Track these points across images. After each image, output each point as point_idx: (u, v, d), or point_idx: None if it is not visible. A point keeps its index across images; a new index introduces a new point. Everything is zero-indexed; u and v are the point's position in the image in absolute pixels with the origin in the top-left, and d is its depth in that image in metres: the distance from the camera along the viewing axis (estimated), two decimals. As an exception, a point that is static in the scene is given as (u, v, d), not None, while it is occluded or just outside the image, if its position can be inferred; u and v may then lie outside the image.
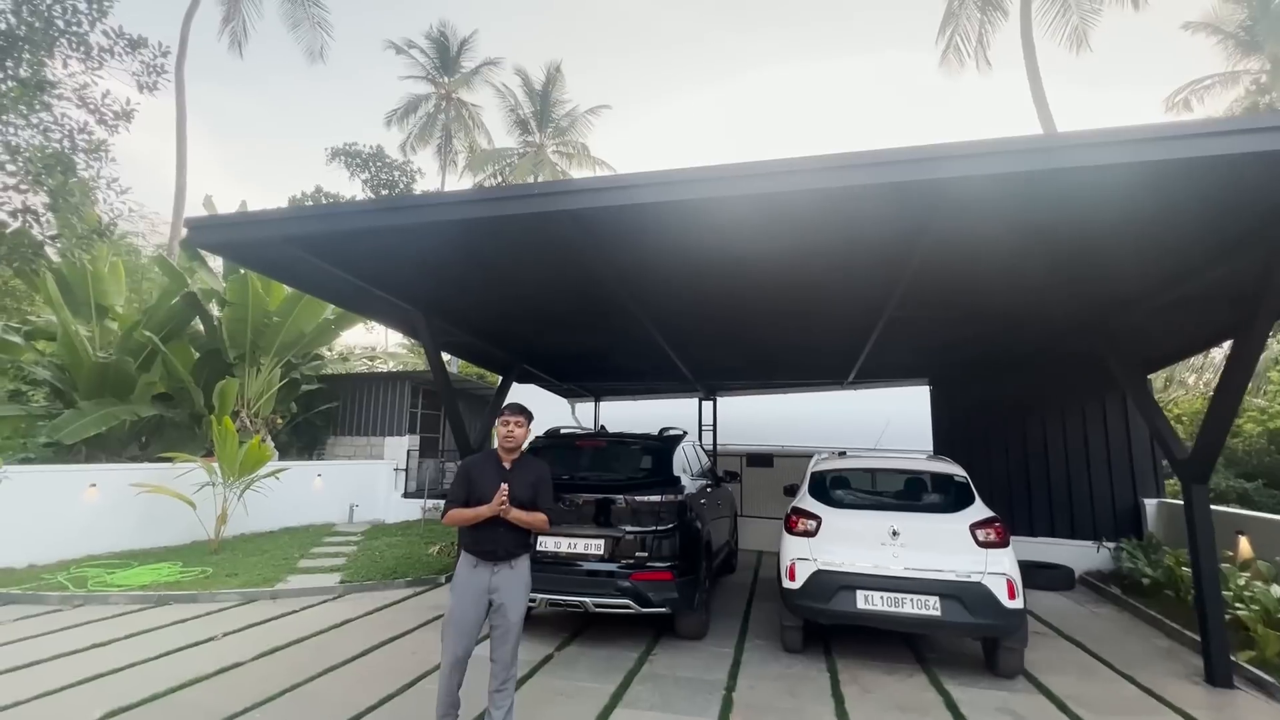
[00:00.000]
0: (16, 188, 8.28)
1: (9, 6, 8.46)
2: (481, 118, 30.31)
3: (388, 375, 15.80)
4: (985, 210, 3.79)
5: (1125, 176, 3.23)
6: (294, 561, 8.23)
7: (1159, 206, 3.66)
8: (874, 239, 4.30)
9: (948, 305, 5.85)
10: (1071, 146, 3.05)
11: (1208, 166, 3.11)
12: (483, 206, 4.13)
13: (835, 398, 11.42)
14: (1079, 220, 3.89)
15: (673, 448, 6.00)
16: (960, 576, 4.55)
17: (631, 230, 4.34)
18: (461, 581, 3.45)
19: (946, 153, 3.25)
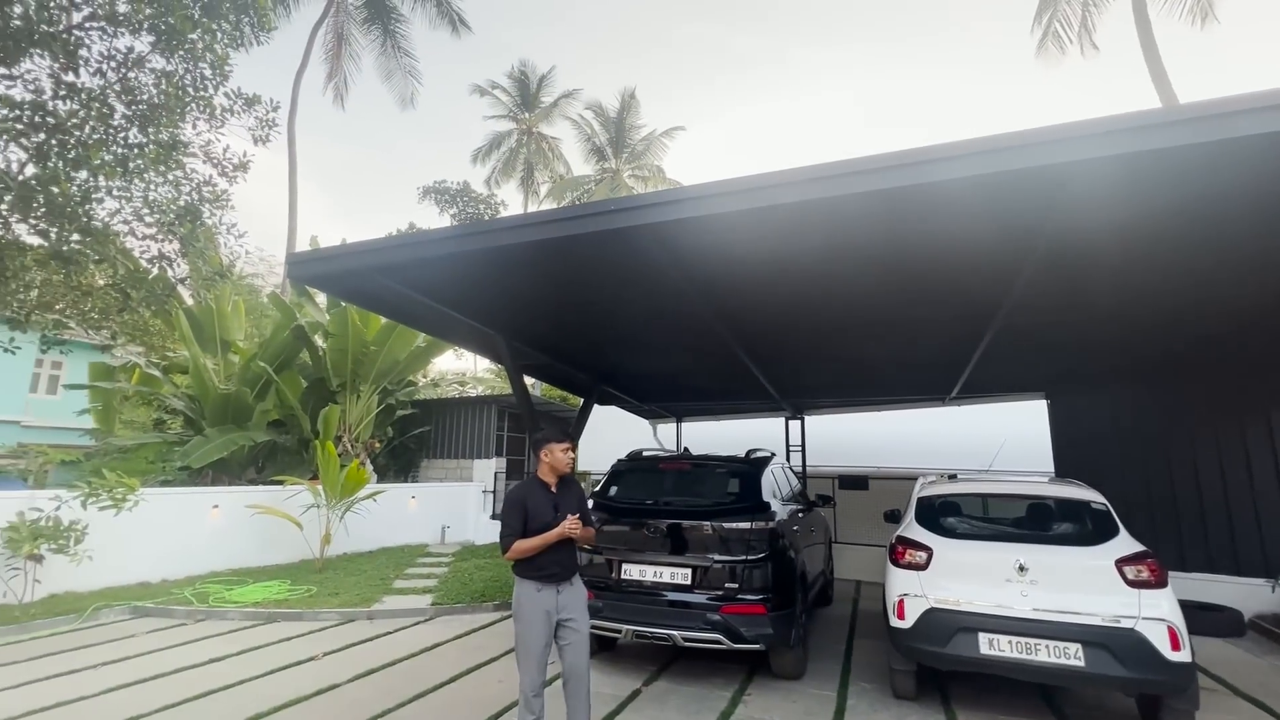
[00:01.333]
0: (154, 237, 9.24)
1: (152, 80, 9.53)
2: (560, 149, 31.42)
3: (475, 399, 16.34)
4: (1125, 197, 3.29)
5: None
6: (389, 582, 8.49)
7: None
8: (981, 239, 3.85)
9: (1069, 309, 5.20)
10: (1244, 112, 2.55)
11: None
12: (556, 227, 4.06)
13: (936, 415, 10.56)
14: (1243, 204, 3.29)
15: (761, 470, 5.65)
16: (1107, 621, 3.91)
17: (712, 243, 4.13)
18: (529, 608, 3.41)
19: (1070, 133, 2.83)
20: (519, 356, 7.08)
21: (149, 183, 9.43)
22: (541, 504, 3.51)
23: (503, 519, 3.49)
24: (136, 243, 9.39)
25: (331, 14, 23.53)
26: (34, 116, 8.19)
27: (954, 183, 3.05)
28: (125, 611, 7.05)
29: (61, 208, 8.27)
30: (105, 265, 9.10)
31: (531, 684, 3.36)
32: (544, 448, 3.66)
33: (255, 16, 9.76)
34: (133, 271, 9.37)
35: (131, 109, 9.15)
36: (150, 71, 9.36)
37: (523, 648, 3.40)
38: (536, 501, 3.51)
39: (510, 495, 3.57)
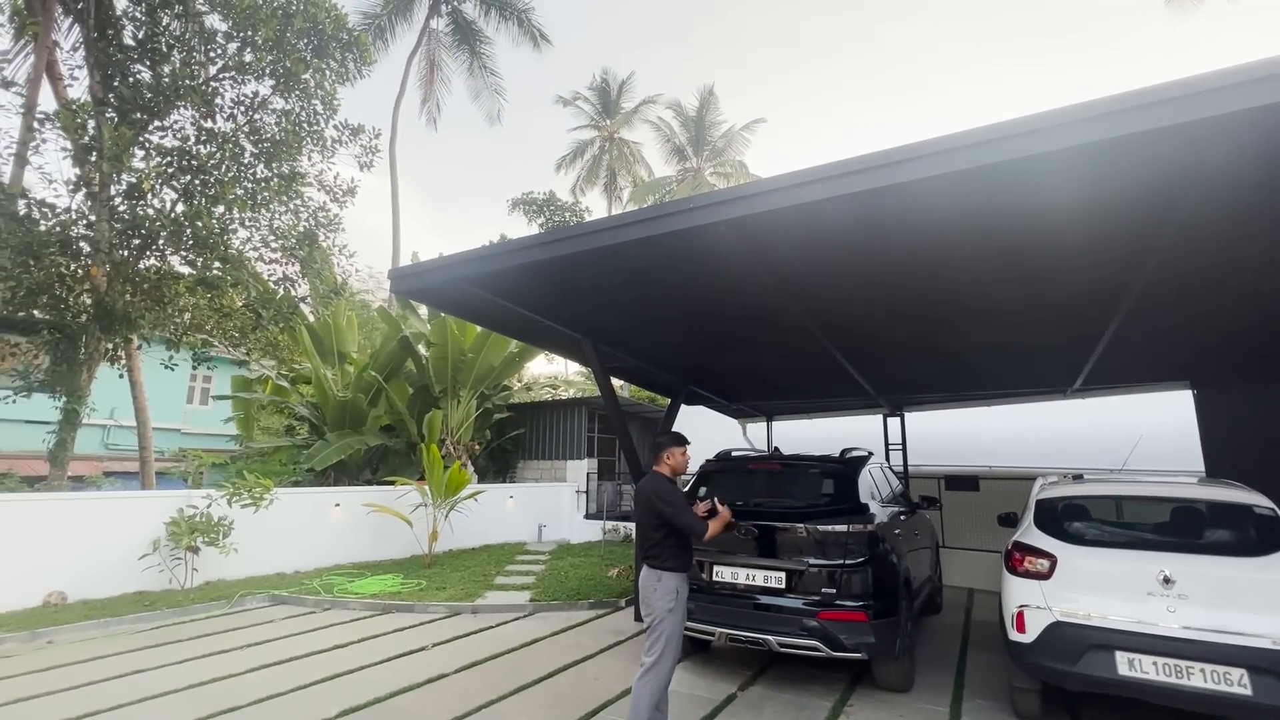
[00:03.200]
0: (279, 261, 10.26)
1: (274, 119, 10.59)
2: (641, 153, 31.74)
3: (566, 402, 16.79)
4: (1269, 161, 2.83)
5: None
6: (491, 578, 8.88)
7: None
8: (1107, 210, 3.45)
9: (1214, 287, 4.55)
10: None
11: None
12: (636, 229, 4.06)
13: (1057, 409, 9.65)
14: None
15: (857, 470, 5.39)
16: (1277, 644, 3.37)
17: (797, 234, 3.97)
18: (684, 596, 3.72)
19: (1211, 84, 2.47)
20: (605, 359, 7.18)
21: (274, 212, 10.48)
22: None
23: (678, 504, 3.75)
24: (264, 267, 10.46)
25: (424, 43, 25.10)
26: (181, 160, 9.33)
27: (1072, 151, 2.76)
28: (265, 599, 7.84)
29: (205, 239, 9.36)
30: (241, 288, 10.20)
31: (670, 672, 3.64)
32: (666, 450, 3.99)
33: (358, 53, 10.60)
34: (263, 293, 10.41)
35: (258, 147, 10.21)
36: (271, 112, 10.40)
37: (677, 635, 3.65)
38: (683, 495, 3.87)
39: (669, 487, 3.84)
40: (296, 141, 10.45)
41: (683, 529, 3.70)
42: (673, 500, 3.73)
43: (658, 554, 3.71)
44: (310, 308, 12.39)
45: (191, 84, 9.36)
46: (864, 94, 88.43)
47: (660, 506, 3.71)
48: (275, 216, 10.20)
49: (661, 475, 3.91)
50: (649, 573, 3.73)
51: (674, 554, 3.70)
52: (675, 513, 3.69)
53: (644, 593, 3.73)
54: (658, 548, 3.72)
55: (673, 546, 3.71)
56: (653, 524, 3.75)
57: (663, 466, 3.94)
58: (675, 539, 3.72)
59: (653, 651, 3.61)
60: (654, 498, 3.76)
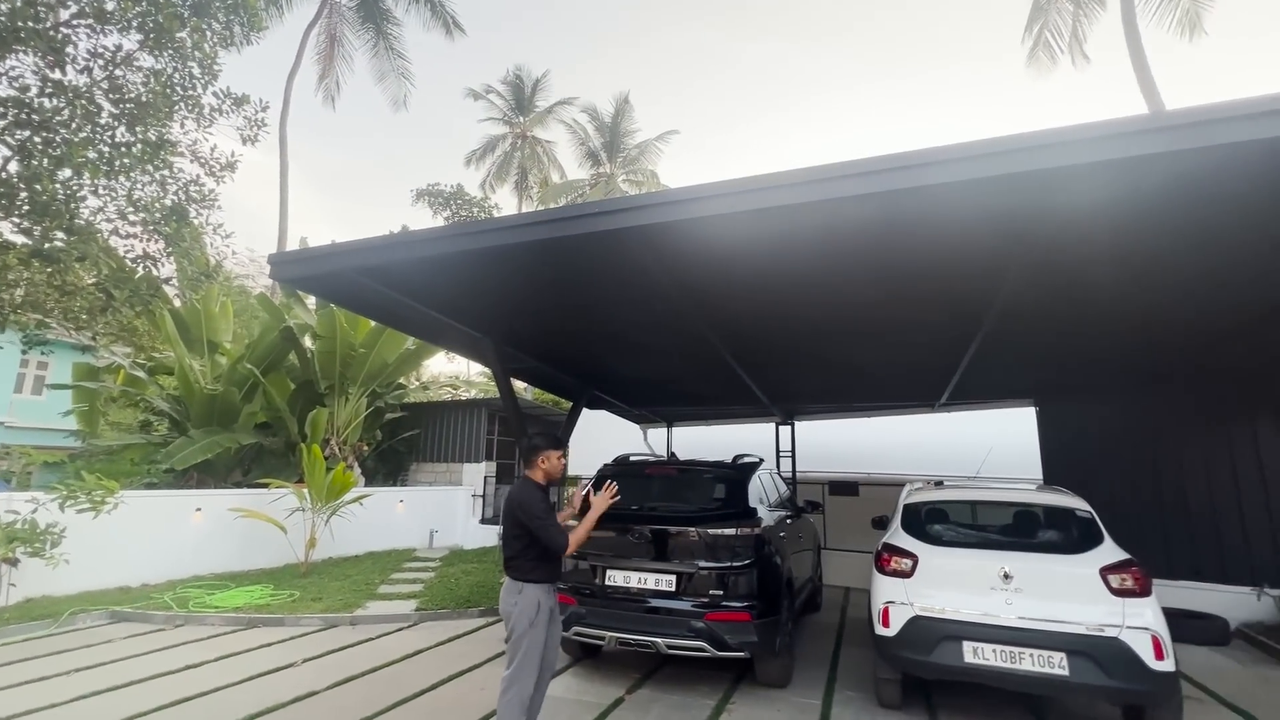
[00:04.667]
0: (138, 236, 9.14)
1: (141, 79, 9.45)
2: (555, 153, 31.43)
3: (465, 403, 16.25)
4: (1113, 203, 3.28)
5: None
6: (374, 587, 8.39)
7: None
8: (969, 243, 3.84)
9: (1056, 316, 5.20)
10: (1230, 119, 2.55)
11: None
12: (542, 229, 4.02)
13: (926, 421, 10.57)
14: (1239, 210, 3.29)
15: (748, 476, 5.62)
16: (1091, 630, 3.88)
17: (701, 246, 4.10)
18: (545, 610, 3.57)
19: (1060, 138, 2.83)
20: (507, 360, 7.03)
21: (135, 181, 9.34)
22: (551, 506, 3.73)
23: (544, 524, 3.52)
24: (120, 242, 9.29)
25: (324, 15, 23.47)
26: (19, 113, 8.09)
27: (946, 186, 3.04)
28: (103, 616, 6.93)
29: (45, 206, 8.17)
30: (89, 264, 9.00)
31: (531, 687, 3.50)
32: (541, 454, 3.75)
33: (245, 16, 9.70)
34: (116, 271, 9.25)
35: (119, 107, 9.06)
36: (138, 70, 9.27)
37: (537, 649, 3.51)
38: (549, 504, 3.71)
39: (537, 496, 3.65)
40: (167, 105, 9.38)
41: (545, 543, 3.51)
42: (536, 512, 3.53)
43: (519, 564, 3.56)
44: (176, 291, 11.14)
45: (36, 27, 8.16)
46: (772, 116, 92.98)
47: (521, 517, 3.54)
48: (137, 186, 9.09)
49: (531, 482, 3.71)
50: (510, 584, 3.56)
51: (537, 564, 3.54)
52: (538, 526, 3.50)
53: (505, 605, 3.55)
54: (519, 558, 3.56)
55: (535, 557, 3.55)
56: (514, 533, 3.59)
57: (536, 471, 3.74)
58: (538, 549, 3.55)
59: (512, 666, 3.48)
60: (516, 507, 3.58)
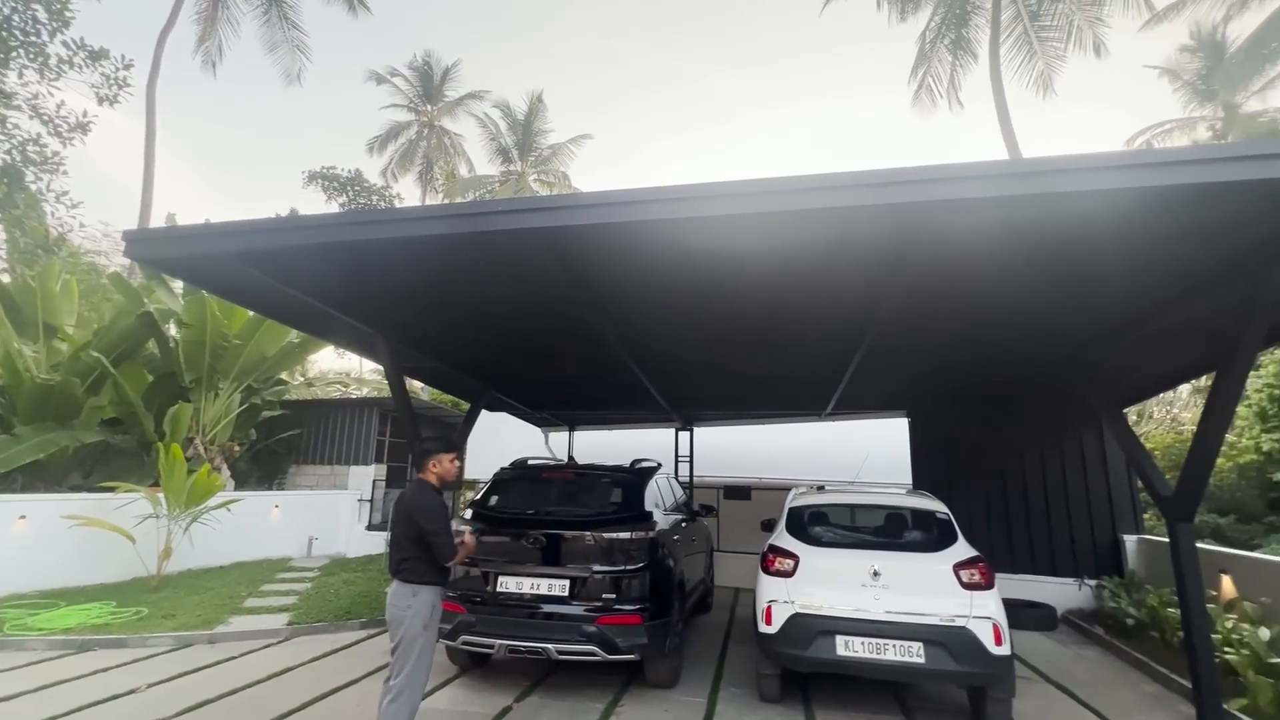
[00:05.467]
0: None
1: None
2: (463, 146, 30.45)
3: (354, 401, 15.30)
4: (970, 237, 3.67)
5: (1110, 203, 3.13)
6: (240, 600, 7.68)
7: (1144, 236, 3.58)
8: (853, 266, 4.15)
9: (927, 336, 5.72)
10: (1060, 171, 2.93)
11: (1191, 194, 3.02)
12: (445, 224, 3.90)
13: (815, 429, 11.24)
14: (1067, 250, 3.78)
15: (645, 481, 5.72)
16: (944, 621, 4.30)
17: (605, 252, 4.13)
18: (438, 614, 3.61)
19: (936, 174, 3.12)
20: (402, 358, 6.71)
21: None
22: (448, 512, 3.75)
23: (438, 530, 3.53)
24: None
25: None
26: None
27: (835, 211, 3.27)
28: (-114, 645, 5.84)
29: None
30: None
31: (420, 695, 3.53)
32: (432, 458, 3.79)
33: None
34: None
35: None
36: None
37: (429, 653, 3.51)
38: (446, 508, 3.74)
39: (436, 501, 3.67)
40: (3, 51, 8.16)
41: (434, 549, 3.53)
42: (434, 517, 3.57)
43: (413, 567, 3.54)
44: (5, 265, 9.66)
45: None
46: (686, 131, 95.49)
47: (420, 521, 3.54)
48: (-43, 141, 7.81)
49: (427, 485, 3.75)
50: (402, 588, 3.54)
51: (432, 568, 3.54)
52: (431, 531, 3.52)
53: (395, 609, 3.51)
54: (413, 561, 3.54)
55: (431, 560, 3.55)
56: (409, 536, 3.57)
57: (429, 475, 3.77)
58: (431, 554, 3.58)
59: (401, 674, 3.42)
60: (414, 510, 3.58)
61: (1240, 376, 4.18)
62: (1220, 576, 6.08)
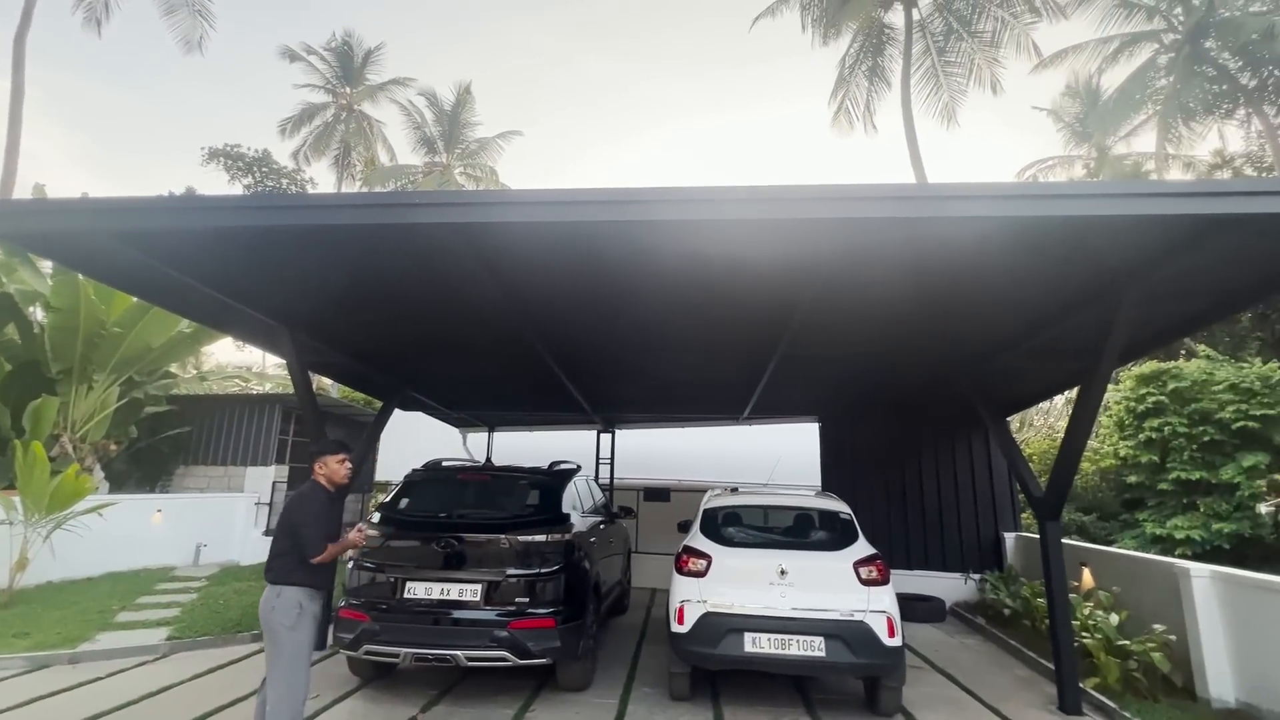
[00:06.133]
0: None
1: None
2: (385, 133, 29.14)
3: (254, 398, 14.27)
4: (872, 255, 3.91)
5: (998, 230, 3.43)
6: (110, 615, 6.96)
7: (1022, 262, 3.95)
8: (769, 277, 4.32)
9: (836, 346, 6.04)
10: (948, 198, 3.19)
11: (1064, 226, 3.37)
12: (362, 213, 3.73)
13: (733, 433, 11.56)
14: (961, 270, 4.11)
15: (563, 483, 5.68)
16: (844, 616, 4.54)
17: (528, 252, 4.09)
18: (309, 615, 3.47)
19: (838, 194, 3.31)
20: (308, 353, 6.34)
21: None
22: (332, 512, 3.75)
23: (304, 522, 3.52)
24: None
25: (95, -80, 19.37)
26: None
27: (745, 223, 3.40)
28: None
29: None
30: None
31: (306, 693, 3.45)
32: (319, 459, 3.79)
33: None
34: None
35: None
36: None
37: (303, 657, 3.43)
38: (327, 508, 3.70)
39: (307, 501, 3.62)
40: None
41: (299, 543, 3.48)
42: (304, 511, 3.56)
43: (280, 565, 3.49)
44: None
45: None
46: (618, 134, 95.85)
47: (286, 515, 3.59)
48: None
49: (317, 485, 3.72)
50: (269, 589, 3.47)
51: (300, 566, 3.47)
52: (299, 524, 3.51)
53: (262, 612, 3.45)
54: (280, 559, 3.51)
55: (298, 558, 3.49)
56: (281, 532, 3.58)
57: (318, 476, 3.75)
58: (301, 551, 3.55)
59: (273, 681, 3.33)
60: (287, 507, 3.65)
61: (1100, 389, 4.69)
62: (1081, 569, 6.77)
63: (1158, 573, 5.72)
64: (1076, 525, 12.72)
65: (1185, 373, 11.47)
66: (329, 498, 3.73)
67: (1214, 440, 10.74)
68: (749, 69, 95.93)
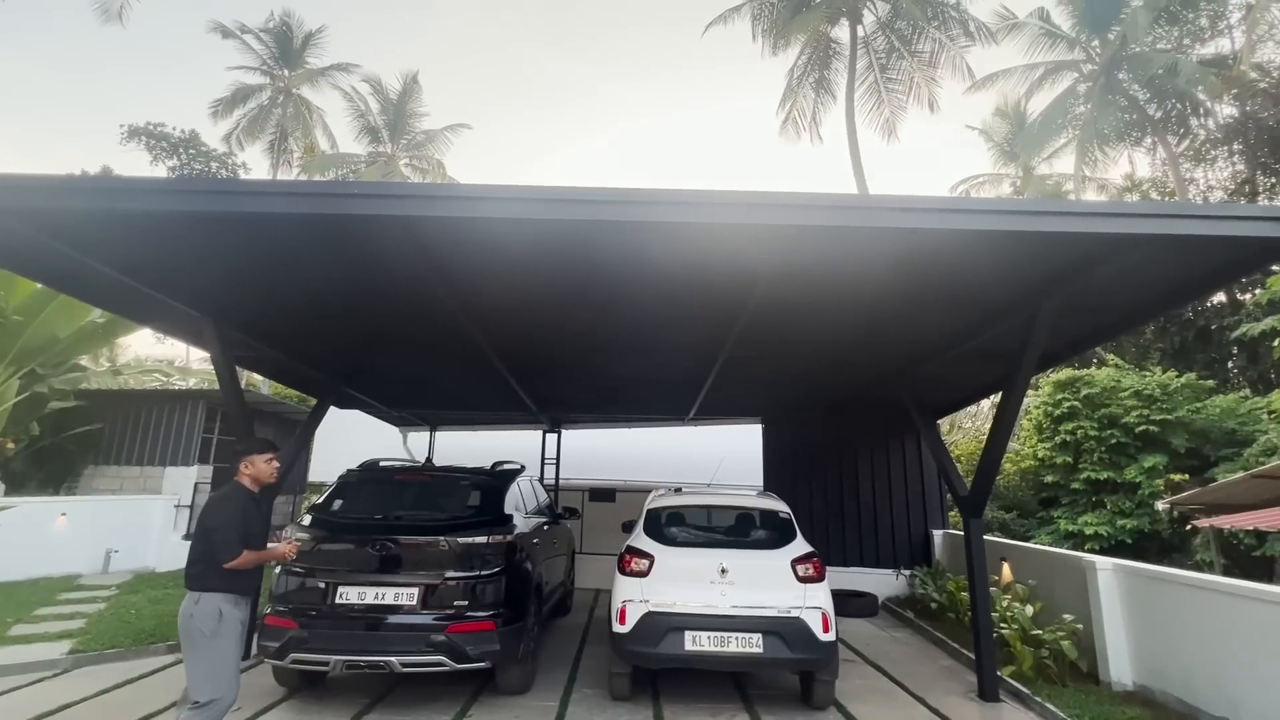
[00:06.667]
0: None
1: None
2: (325, 119, 27.96)
3: (175, 394, 13.45)
4: (811, 262, 4.03)
5: (926, 241, 3.60)
6: (3, 629, 6.40)
7: (950, 273, 4.15)
8: (715, 281, 4.39)
9: (779, 348, 6.19)
10: (878, 209, 3.33)
11: (991, 239, 3.57)
12: (293, 202, 3.58)
13: (678, 434, 11.68)
14: (889, 280, 4.29)
15: (506, 483, 5.60)
16: (781, 612, 4.65)
17: (472, 248, 4.02)
18: (232, 622, 3.35)
19: (771, 200, 3.40)
20: (236, 348, 6.03)
21: None
22: (254, 514, 3.55)
23: (216, 525, 3.37)
24: None
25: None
26: None
27: (689, 225, 3.44)
28: None
29: None
30: None
31: (231, 700, 3.33)
32: (244, 459, 3.64)
33: None
34: None
35: None
36: None
37: (227, 666, 3.31)
38: (251, 512, 3.52)
39: (224, 502, 3.47)
40: None
41: (211, 547, 3.33)
42: (216, 513, 3.42)
43: (198, 573, 3.34)
44: None
45: None
46: (569, 133, 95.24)
47: (200, 520, 3.44)
48: None
49: (240, 486, 3.59)
50: (188, 597, 3.33)
51: (218, 574, 3.33)
52: (212, 528, 3.36)
53: (180, 621, 3.31)
54: (197, 566, 3.36)
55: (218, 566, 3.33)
56: (198, 537, 3.43)
57: (242, 476, 3.61)
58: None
59: (193, 693, 3.20)
60: (203, 510, 3.49)
61: (1019, 394, 4.99)
62: (1002, 563, 7.17)
63: (1068, 566, 6.13)
64: (999, 522, 13.50)
65: (1096, 380, 12.35)
66: (252, 499, 3.59)
67: (1120, 443, 11.61)
68: (702, 73, 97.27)
